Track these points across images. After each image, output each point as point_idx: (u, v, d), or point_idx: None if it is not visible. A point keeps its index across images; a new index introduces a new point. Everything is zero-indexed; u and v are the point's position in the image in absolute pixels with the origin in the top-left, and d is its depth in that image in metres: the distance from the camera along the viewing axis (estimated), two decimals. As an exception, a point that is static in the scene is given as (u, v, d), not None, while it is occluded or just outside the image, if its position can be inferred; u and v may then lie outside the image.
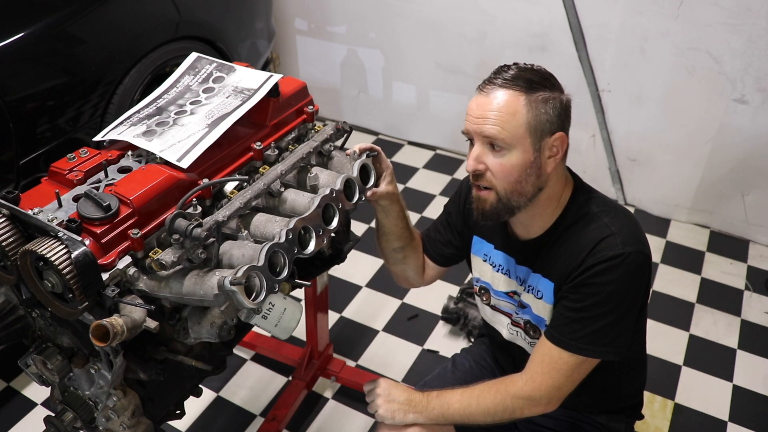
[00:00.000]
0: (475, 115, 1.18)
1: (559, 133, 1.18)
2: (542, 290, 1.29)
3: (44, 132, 1.95)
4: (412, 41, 3.20)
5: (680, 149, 2.81)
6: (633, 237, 1.20)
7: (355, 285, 2.62)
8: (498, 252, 1.40)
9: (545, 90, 1.16)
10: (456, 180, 3.26)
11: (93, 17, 2.06)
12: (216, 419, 2.10)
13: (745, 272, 2.71)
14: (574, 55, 2.80)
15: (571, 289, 1.22)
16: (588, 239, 1.21)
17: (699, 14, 2.48)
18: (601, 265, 1.17)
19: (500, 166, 1.17)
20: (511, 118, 1.14)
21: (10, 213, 1.08)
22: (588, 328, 1.20)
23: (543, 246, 1.29)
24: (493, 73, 1.20)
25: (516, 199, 1.20)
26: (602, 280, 1.18)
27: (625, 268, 1.17)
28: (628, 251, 1.17)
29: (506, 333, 1.45)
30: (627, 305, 1.21)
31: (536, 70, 1.19)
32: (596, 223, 1.22)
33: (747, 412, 2.14)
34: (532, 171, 1.18)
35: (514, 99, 1.15)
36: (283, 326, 1.36)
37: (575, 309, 1.21)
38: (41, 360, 1.22)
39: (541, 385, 1.23)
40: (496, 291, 1.43)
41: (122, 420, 1.21)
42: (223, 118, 1.28)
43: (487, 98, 1.17)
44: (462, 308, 2.37)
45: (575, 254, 1.22)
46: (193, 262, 1.10)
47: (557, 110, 1.17)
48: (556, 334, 1.23)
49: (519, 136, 1.15)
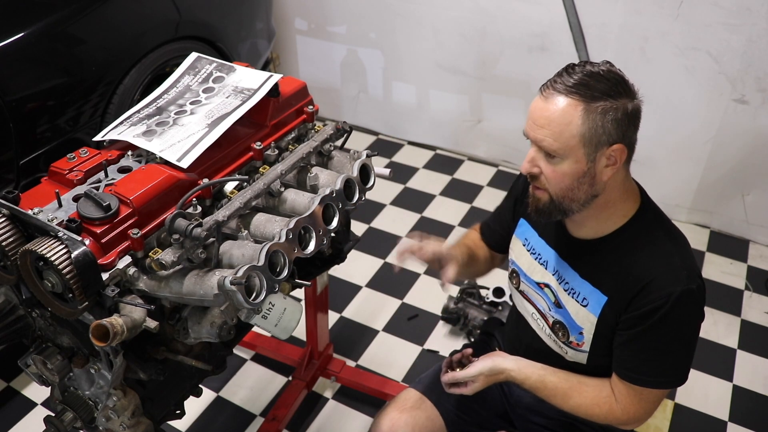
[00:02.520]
0: (532, 120, 1.15)
1: (617, 145, 1.13)
2: (589, 299, 1.27)
3: (44, 132, 1.95)
4: (412, 41, 3.20)
5: (680, 149, 2.81)
6: (696, 268, 1.21)
7: (355, 285, 2.62)
8: (540, 240, 1.38)
9: (608, 99, 1.10)
10: (456, 180, 3.26)
11: (93, 17, 2.06)
12: (216, 419, 2.10)
13: (745, 272, 2.71)
14: (574, 55, 2.80)
15: (641, 333, 1.21)
16: (655, 267, 1.19)
17: (699, 14, 2.48)
18: (671, 305, 1.17)
19: (552, 173, 1.16)
20: (565, 129, 1.11)
21: (10, 213, 1.08)
22: (666, 364, 1.23)
23: (595, 252, 1.27)
24: (558, 73, 1.14)
25: (568, 204, 1.19)
26: (675, 318, 1.18)
27: (694, 303, 1.19)
28: (696, 285, 1.18)
29: (531, 321, 1.45)
30: (696, 335, 1.24)
31: (603, 75, 1.12)
32: (663, 250, 1.21)
33: (747, 412, 2.14)
34: (585, 180, 1.15)
35: (571, 108, 1.10)
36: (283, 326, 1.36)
37: (652, 348, 1.22)
38: (41, 360, 1.22)
39: (636, 414, 1.28)
40: (529, 278, 1.41)
41: (122, 420, 1.21)
42: (223, 118, 1.28)
43: (545, 104, 1.13)
44: (462, 308, 2.37)
45: (638, 278, 1.20)
46: (193, 262, 1.10)
47: (617, 121, 1.11)
48: (639, 376, 1.24)
49: (571, 146, 1.12)
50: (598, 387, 1.31)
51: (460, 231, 2.93)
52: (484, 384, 1.39)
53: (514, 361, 1.38)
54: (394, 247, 1.42)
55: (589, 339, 1.29)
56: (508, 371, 1.37)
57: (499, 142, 3.29)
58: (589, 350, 1.31)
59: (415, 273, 2.67)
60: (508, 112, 3.16)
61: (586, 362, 1.33)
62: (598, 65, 1.14)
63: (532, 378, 1.35)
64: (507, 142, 3.24)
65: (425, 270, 2.69)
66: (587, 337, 1.29)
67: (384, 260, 2.74)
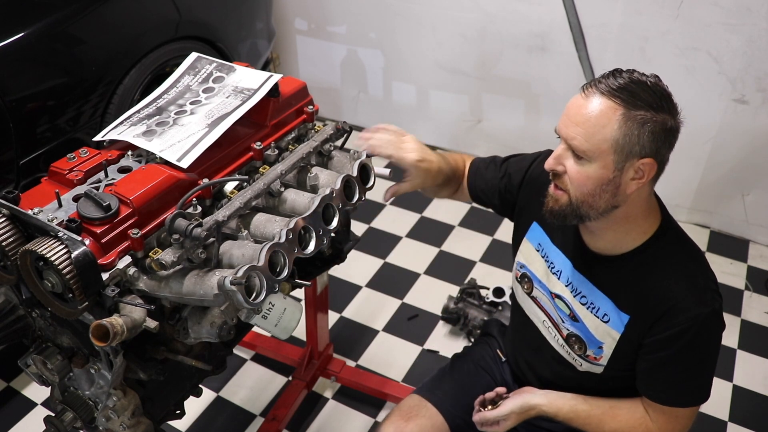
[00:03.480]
0: (567, 116, 1.13)
1: (648, 159, 1.10)
2: (610, 315, 1.25)
3: (44, 132, 1.95)
4: (412, 41, 3.20)
5: (680, 149, 2.77)
6: (716, 284, 1.21)
7: (355, 285, 2.62)
8: (555, 248, 1.35)
9: (649, 110, 1.07)
10: (456, 180, 3.26)
11: (93, 17, 2.06)
12: (216, 419, 2.10)
13: (745, 272, 2.71)
14: (574, 55, 2.80)
15: (670, 357, 1.20)
16: (680, 289, 1.17)
17: (699, 14, 2.48)
18: (698, 328, 1.16)
19: (577, 174, 1.13)
20: (599, 131, 1.08)
21: (10, 213, 1.08)
22: (695, 382, 1.24)
23: (614, 267, 1.24)
24: (604, 75, 1.11)
25: (586, 210, 1.15)
26: (704, 338, 1.18)
27: (716, 324, 1.18)
28: (717, 306, 1.17)
29: (542, 328, 1.42)
30: (718, 348, 1.24)
31: (650, 85, 1.09)
32: (687, 271, 1.20)
33: (747, 412, 2.14)
34: (608, 188, 1.12)
35: (610, 111, 1.07)
36: (283, 326, 1.37)
37: (683, 371, 1.21)
38: (41, 360, 1.22)
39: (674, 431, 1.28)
40: (544, 286, 1.38)
41: (122, 420, 1.21)
42: (223, 118, 1.28)
43: (584, 102, 1.10)
44: (462, 308, 2.37)
45: (662, 299, 1.18)
46: (193, 262, 1.10)
47: (654, 135, 1.08)
48: (672, 398, 1.24)
49: (602, 150, 1.09)
50: (632, 409, 1.29)
51: (460, 231, 2.93)
52: (516, 421, 1.38)
53: (544, 395, 1.37)
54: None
55: (609, 354, 1.28)
56: (539, 407, 1.36)
57: (499, 142, 3.28)
58: (606, 364, 1.29)
59: (416, 273, 2.67)
60: (508, 112, 3.16)
61: (601, 373, 1.32)
62: (647, 76, 1.11)
63: (564, 409, 1.34)
64: (507, 142, 3.24)
65: (425, 270, 2.69)
66: (607, 352, 1.28)
67: (384, 260, 2.74)
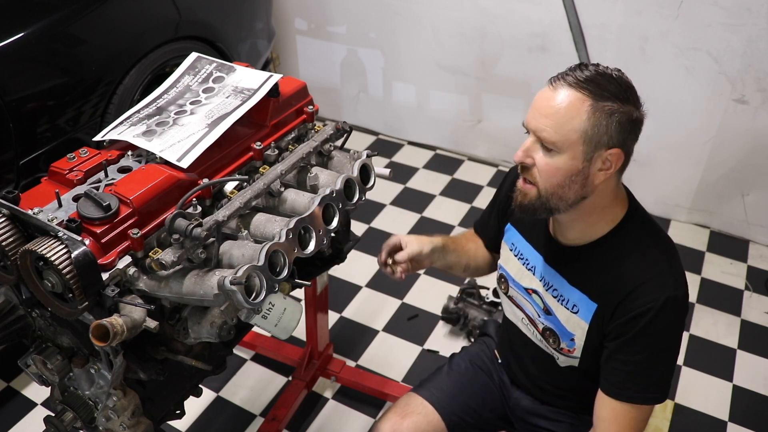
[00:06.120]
0: (536, 108, 1.13)
1: (616, 149, 1.11)
2: (579, 306, 1.26)
3: (44, 132, 1.95)
4: (412, 41, 3.20)
5: (680, 149, 2.81)
6: (682, 276, 1.19)
7: (355, 285, 2.62)
8: (527, 245, 1.37)
9: (616, 101, 1.09)
10: (456, 180, 3.26)
11: (93, 17, 2.06)
12: (216, 419, 2.10)
13: (745, 272, 2.71)
14: (574, 55, 2.80)
15: (626, 342, 1.19)
16: (642, 273, 1.17)
17: (699, 14, 2.48)
18: (656, 311, 1.15)
19: (546, 165, 1.13)
20: (568, 122, 1.09)
21: (10, 213, 1.08)
22: (651, 378, 1.21)
23: (582, 258, 1.25)
24: (569, 68, 1.12)
25: (555, 202, 1.16)
26: (658, 328, 1.16)
27: (676, 312, 1.17)
28: (680, 294, 1.16)
29: (521, 326, 1.43)
30: (678, 345, 1.22)
31: (615, 77, 1.11)
32: (650, 256, 1.19)
33: (747, 412, 2.14)
34: (578, 179, 1.13)
35: (578, 102, 1.08)
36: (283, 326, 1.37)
37: (635, 362, 1.19)
38: (41, 360, 1.22)
39: None
40: (517, 284, 1.40)
41: (122, 420, 1.21)
42: (223, 118, 1.28)
43: (552, 94, 1.11)
44: (462, 308, 2.37)
45: (625, 283, 1.18)
46: (193, 262, 1.10)
47: (621, 125, 1.10)
48: (622, 391, 1.21)
49: (571, 141, 1.10)
50: None
51: (460, 231, 2.93)
52: None
53: None
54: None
55: (581, 345, 1.28)
56: None
57: (499, 142, 3.29)
58: (580, 356, 1.30)
59: (415, 273, 2.67)
60: (508, 112, 3.16)
61: (578, 366, 1.32)
62: (610, 69, 1.12)
63: None
64: (507, 142, 3.24)
65: (425, 270, 2.69)
66: (578, 343, 1.28)
67: (384, 260, 2.74)
